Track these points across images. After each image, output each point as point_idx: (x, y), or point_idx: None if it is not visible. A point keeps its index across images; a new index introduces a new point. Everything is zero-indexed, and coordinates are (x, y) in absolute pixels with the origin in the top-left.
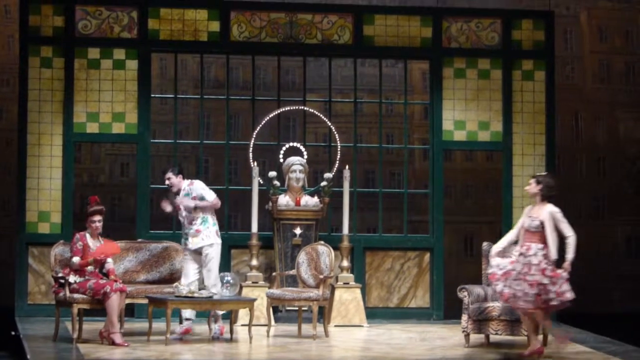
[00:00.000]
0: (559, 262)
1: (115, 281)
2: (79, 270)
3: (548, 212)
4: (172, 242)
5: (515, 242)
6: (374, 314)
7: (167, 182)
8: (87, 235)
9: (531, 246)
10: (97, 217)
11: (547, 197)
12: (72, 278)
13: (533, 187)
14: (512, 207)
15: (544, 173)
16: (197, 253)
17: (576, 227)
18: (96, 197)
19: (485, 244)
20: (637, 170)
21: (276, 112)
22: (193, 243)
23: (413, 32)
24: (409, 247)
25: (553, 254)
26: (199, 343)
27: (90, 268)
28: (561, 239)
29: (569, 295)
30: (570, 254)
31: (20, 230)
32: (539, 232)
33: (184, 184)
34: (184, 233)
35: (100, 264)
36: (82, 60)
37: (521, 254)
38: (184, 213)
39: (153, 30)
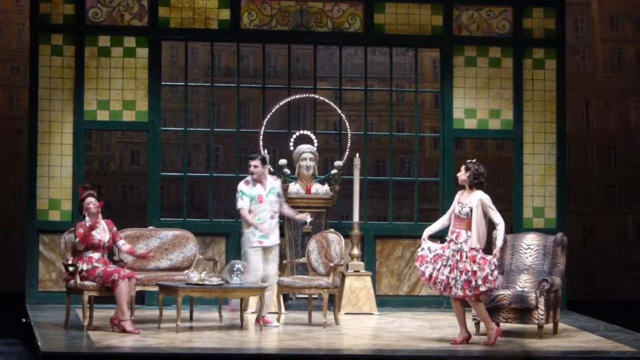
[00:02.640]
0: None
1: (145, 257)
2: (87, 249)
3: (477, 199)
4: (183, 229)
5: (448, 227)
6: (384, 302)
7: (253, 168)
8: (88, 222)
9: (461, 233)
10: (91, 199)
11: (474, 184)
12: (82, 265)
13: (462, 174)
14: (522, 195)
15: (473, 160)
16: (265, 249)
17: (586, 215)
18: (80, 187)
19: (495, 232)
20: None
21: (286, 100)
22: (271, 240)
23: (424, 20)
24: (419, 235)
25: (474, 242)
26: (209, 330)
27: (98, 254)
28: (492, 226)
29: (496, 282)
30: (499, 242)
31: (31, 218)
32: (468, 219)
33: (270, 178)
34: (258, 227)
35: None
36: (92, 48)
37: (451, 240)
38: (271, 208)
39: (163, 18)
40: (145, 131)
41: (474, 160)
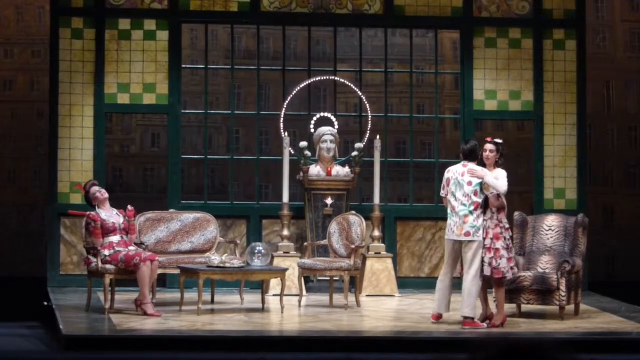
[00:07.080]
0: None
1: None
2: (104, 236)
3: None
4: (204, 212)
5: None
6: (405, 284)
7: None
8: (99, 211)
9: (486, 211)
10: (96, 188)
11: (498, 164)
12: (104, 252)
13: (492, 155)
14: (543, 176)
15: (500, 140)
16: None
17: (607, 196)
18: (78, 184)
19: (516, 214)
20: None
21: (307, 83)
22: None
23: (444, 2)
24: (440, 217)
25: (499, 215)
26: (230, 313)
27: (117, 238)
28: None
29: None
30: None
31: (52, 201)
32: (493, 197)
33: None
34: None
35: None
36: (113, 31)
37: None
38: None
39: (183, 1)
40: (166, 114)
41: (502, 141)
